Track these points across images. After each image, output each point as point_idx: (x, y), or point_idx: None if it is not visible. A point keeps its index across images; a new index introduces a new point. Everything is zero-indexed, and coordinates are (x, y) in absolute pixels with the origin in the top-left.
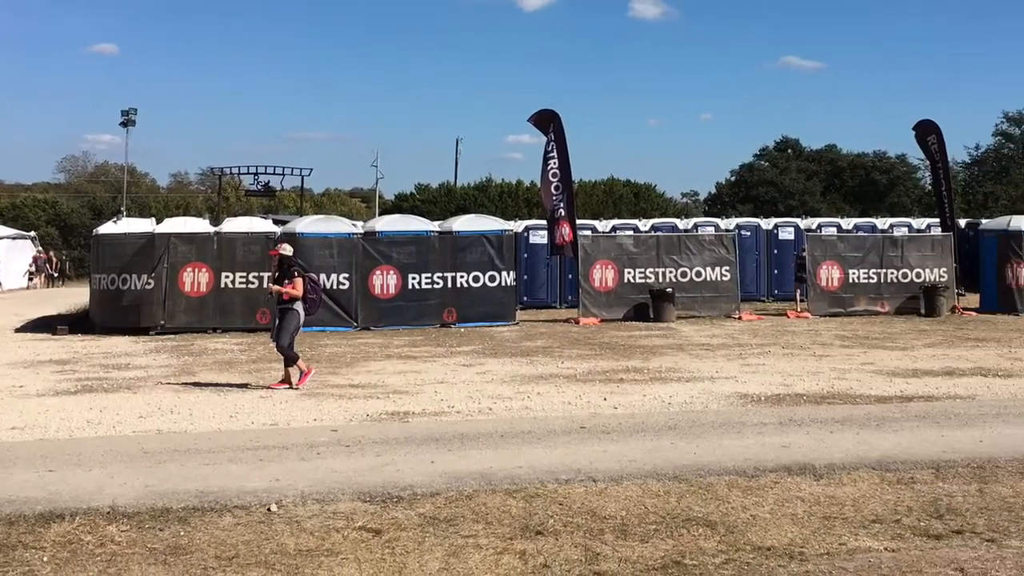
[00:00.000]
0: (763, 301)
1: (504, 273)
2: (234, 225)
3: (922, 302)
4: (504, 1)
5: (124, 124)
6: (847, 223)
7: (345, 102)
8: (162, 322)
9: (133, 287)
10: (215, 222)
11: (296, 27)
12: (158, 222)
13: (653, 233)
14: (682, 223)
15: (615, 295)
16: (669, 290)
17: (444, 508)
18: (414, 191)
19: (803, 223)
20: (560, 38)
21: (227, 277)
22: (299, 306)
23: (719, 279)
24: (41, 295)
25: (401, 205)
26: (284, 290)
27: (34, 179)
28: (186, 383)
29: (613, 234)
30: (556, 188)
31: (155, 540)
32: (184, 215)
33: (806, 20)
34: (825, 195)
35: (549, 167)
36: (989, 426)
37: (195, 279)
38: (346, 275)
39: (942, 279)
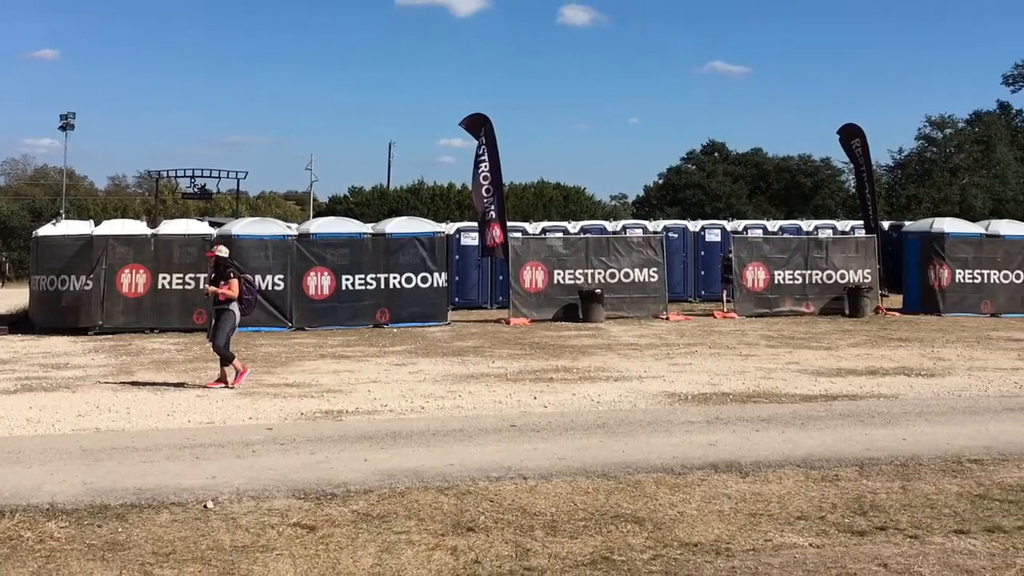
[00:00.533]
0: (690, 302)
1: (436, 274)
2: (171, 227)
3: (846, 303)
4: (437, 6)
5: (63, 128)
6: (773, 225)
7: (279, 106)
8: (100, 322)
9: (72, 288)
10: (152, 224)
11: (230, 31)
12: (96, 224)
13: (582, 235)
14: (611, 225)
15: (545, 296)
16: (598, 291)
17: (377, 505)
18: (348, 194)
19: (729, 225)
20: (492, 44)
21: (164, 278)
22: (235, 307)
23: (647, 280)
24: None
25: (335, 208)
26: (220, 291)
27: None
28: (124, 382)
29: (543, 236)
30: (487, 191)
31: (94, 536)
32: (122, 217)
33: (732, 26)
34: (751, 198)
35: (480, 170)
36: (912, 424)
37: (133, 280)
38: (281, 276)
39: (866, 280)
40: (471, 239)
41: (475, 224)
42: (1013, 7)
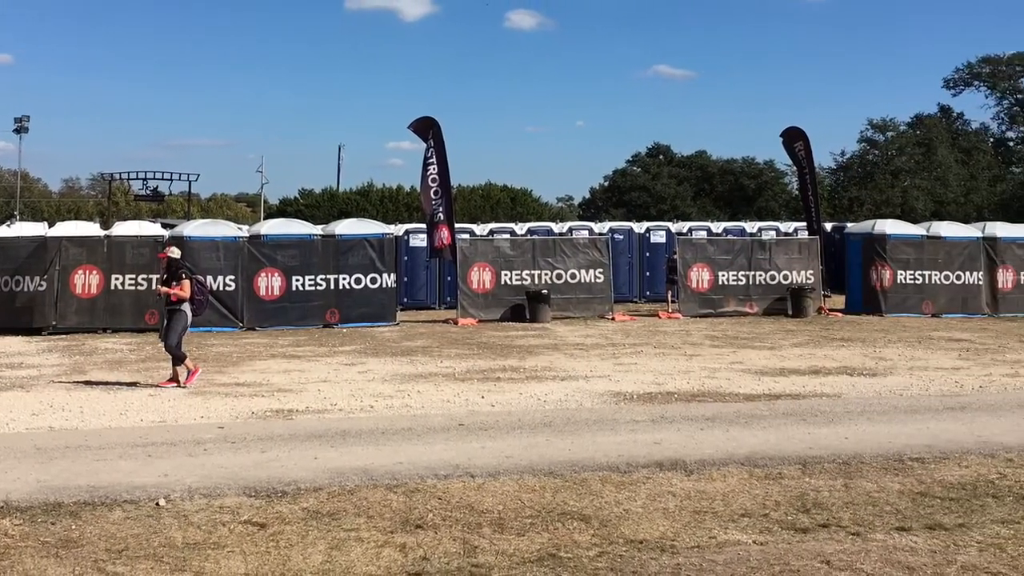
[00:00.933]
0: (635, 302)
1: (385, 275)
2: (124, 229)
3: (789, 303)
4: (386, 11)
5: (17, 131)
6: (717, 227)
7: (230, 109)
8: (54, 322)
9: (26, 289)
10: (105, 226)
11: (180, 35)
12: (50, 226)
13: (529, 237)
14: (557, 227)
15: (492, 296)
16: (545, 292)
17: (327, 503)
18: (298, 196)
19: (674, 227)
20: (440, 48)
21: (117, 279)
22: (187, 307)
23: (593, 281)
24: None
25: (286, 210)
26: (172, 291)
27: None
28: (78, 382)
29: (490, 238)
30: (435, 193)
31: (47, 534)
32: (76, 219)
33: (678, 30)
34: (696, 200)
35: (429, 173)
36: (854, 423)
37: (86, 281)
38: (232, 277)
39: (809, 281)
40: (420, 240)
41: (424, 226)
42: (954, 12)
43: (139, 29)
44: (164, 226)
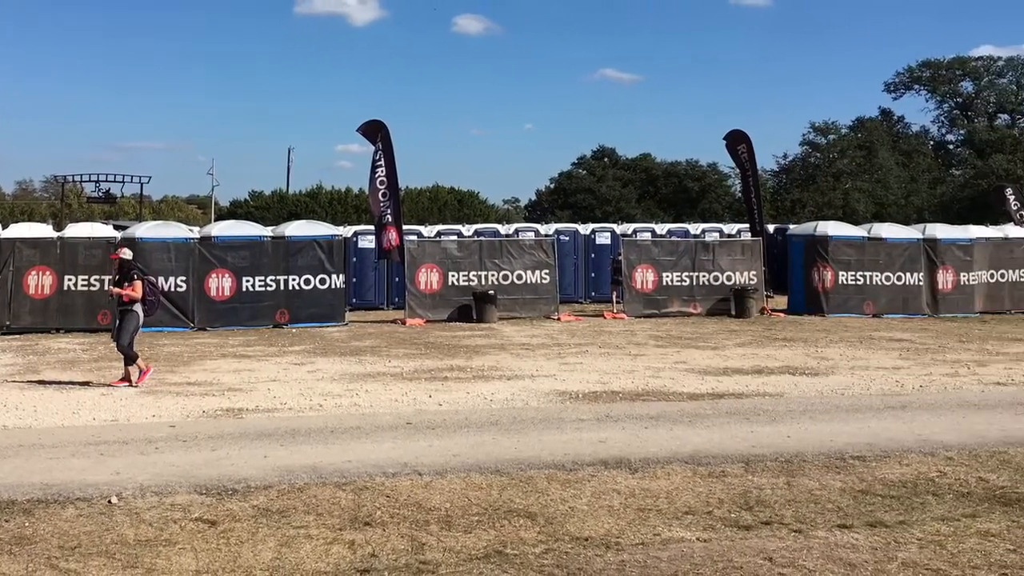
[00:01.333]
0: (581, 303)
1: (334, 276)
2: (76, 230)
3: (733, 304)
4: (335, 15)
5: None
6: (661, 228)
7: (181, 112)
8: (8, 323)
9: None
10: (58, 228)
11: (131, 38)
12: (3, 228)
13: (476, 238)
14: (504, 228)
15: (440, 297)
16: (491, 292)
17: (277, 500)
18: (248, 198)
19: (619, 228)
20: (389, 52)
21: (70, 280)
22: (138, 307)
23: (539, 282)
24: None
25: (236, 211)
26: (124, 292)
27: None
28: (31, 381)
29: (438, 239)
30: (383, 195)
31: (1, 531)
32: (29, 221)
33: (624, 35)
34: (640, 202)
35: (377, 175)
36: (796, 422)
37: (39, 282)
38: (183, 278)
39: (752, 282)
40: (368, 242)
41: (372, 227)
42: (895, 17)
43: (88, 31)
44: (116, 228)
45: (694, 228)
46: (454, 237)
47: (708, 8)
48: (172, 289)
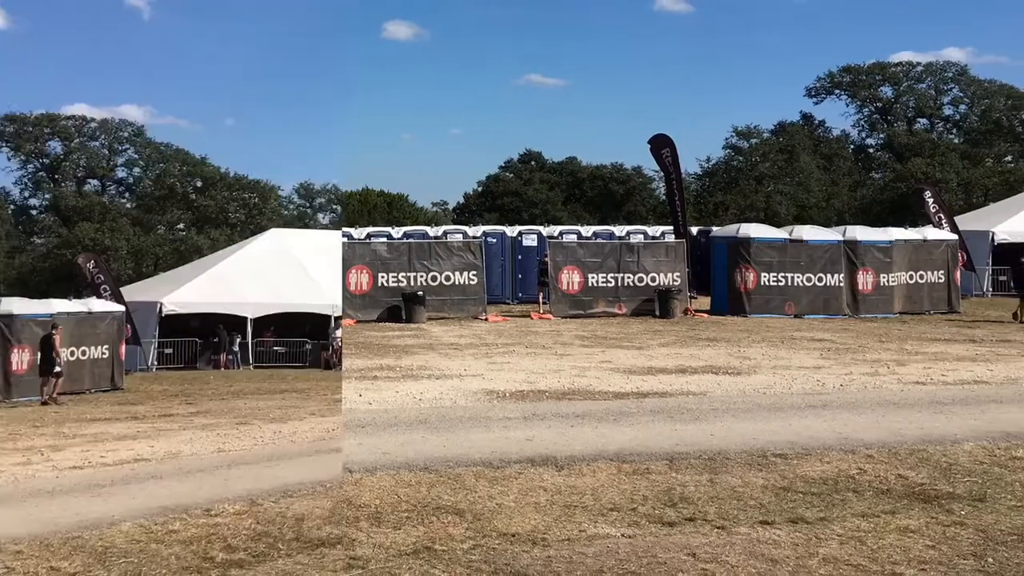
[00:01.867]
0: (508, 303)
1: None
2: None
3: (657, 304)
4: None
5: None
6: (587, 231)
7: None
8: None
9: None
10: None
11: None
12: None
13: (405, 240)
14: (432, 231)
15: (370, 298)
16: (420, 293)
17: None
18: None
19: (546, 231)
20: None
21: None
22: None
23: (467, 283)
24: None
25: None
26: None
27: None
28: None
29: (368, 241)
30: None
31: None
32: None
33: (550, 41)
34: (566, 204)
35: None
36: (719, 421)
37: None
38: None
39: (676, 283)
40: None
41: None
42: (816, 23)
43: None
44: None
45: (619, 230)
46: (384, 239)
47: (632, 14)
48: None
